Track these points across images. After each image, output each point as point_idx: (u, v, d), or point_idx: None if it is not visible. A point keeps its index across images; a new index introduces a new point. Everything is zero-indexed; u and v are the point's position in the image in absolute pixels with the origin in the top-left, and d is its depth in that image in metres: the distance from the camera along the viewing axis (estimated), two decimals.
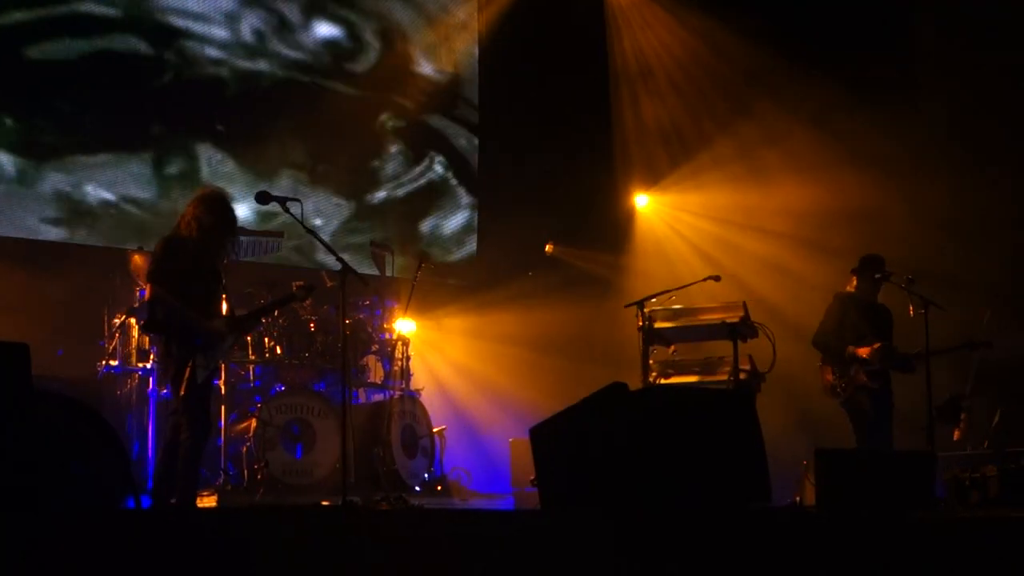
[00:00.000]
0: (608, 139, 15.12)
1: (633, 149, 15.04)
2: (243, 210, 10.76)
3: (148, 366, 10.33)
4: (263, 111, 12.81)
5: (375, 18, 14.04)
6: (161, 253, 8.26)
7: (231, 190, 9.24)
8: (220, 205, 8.42)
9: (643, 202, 15.23)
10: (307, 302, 10.57)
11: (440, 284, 13.30)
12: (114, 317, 10.49)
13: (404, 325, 11.70)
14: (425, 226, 14.33)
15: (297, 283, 9.54)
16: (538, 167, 14.43)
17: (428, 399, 11.76)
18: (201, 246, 8.29)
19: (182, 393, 8.11)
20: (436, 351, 13.40)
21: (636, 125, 15.00)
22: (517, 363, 13.59)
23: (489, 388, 13.56)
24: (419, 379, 12.00)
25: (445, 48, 14.58)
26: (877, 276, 10.37)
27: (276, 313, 10.44)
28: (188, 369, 8.08)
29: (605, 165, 15.11)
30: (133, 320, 10.31)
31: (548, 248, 14.58)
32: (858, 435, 10.30)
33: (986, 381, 11.95)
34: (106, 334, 10.54)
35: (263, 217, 11.78)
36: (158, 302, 8.16)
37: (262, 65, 12.99)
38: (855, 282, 10.53)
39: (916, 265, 10.91)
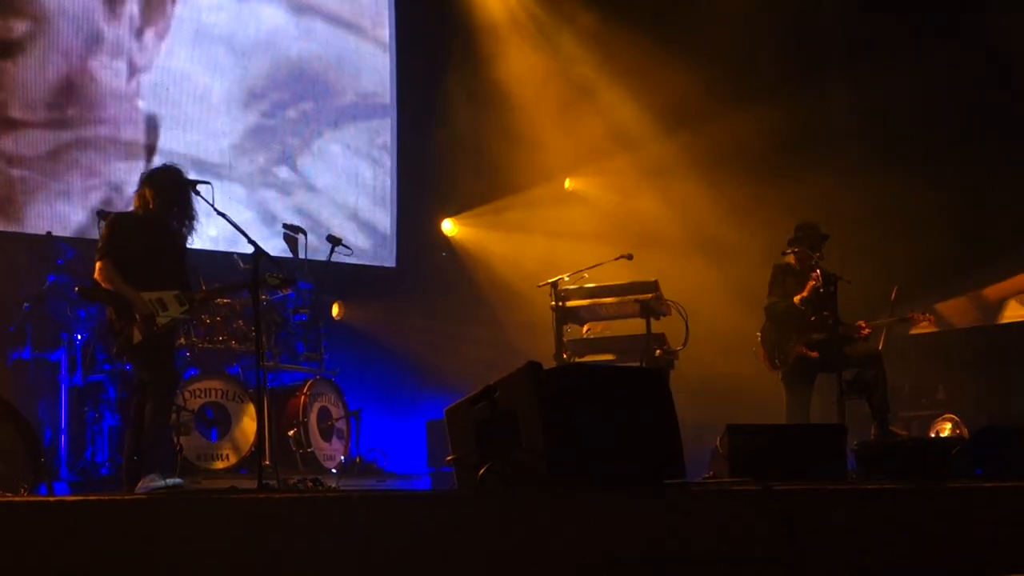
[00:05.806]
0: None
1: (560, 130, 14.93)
2: None
3: (58, 353, 10.24)
4: None
5: None
6: (106, 230, 8.61)
7: None
8: (164, 180, 8.70)
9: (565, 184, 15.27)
10: None
11: (352, 265, 13.25)
12: (24, 304, 10.37)
13: (319, 307, 11.62)
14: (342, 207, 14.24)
15: (271, 275, 9.11)
16: (452, 137, 14.29)
17: (344, 381, 11.72)
18: (147, 221, 8.63)
19: (127, 359, 8.64)
20: (351, 333, 13.36)
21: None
22: (433, 343, 13.57)
23: (405, 369, 13.55)
24: (335, 361, 11.95)
25: None
26: (810, 236, 10.42)
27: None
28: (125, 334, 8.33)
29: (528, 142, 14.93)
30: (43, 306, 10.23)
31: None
32: (790, 408, 10.33)
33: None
34: (15, 321, 10.41)
35: None
36: (103, 276, 8.43)
37: None
38: (793, 250, 10.52)
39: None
